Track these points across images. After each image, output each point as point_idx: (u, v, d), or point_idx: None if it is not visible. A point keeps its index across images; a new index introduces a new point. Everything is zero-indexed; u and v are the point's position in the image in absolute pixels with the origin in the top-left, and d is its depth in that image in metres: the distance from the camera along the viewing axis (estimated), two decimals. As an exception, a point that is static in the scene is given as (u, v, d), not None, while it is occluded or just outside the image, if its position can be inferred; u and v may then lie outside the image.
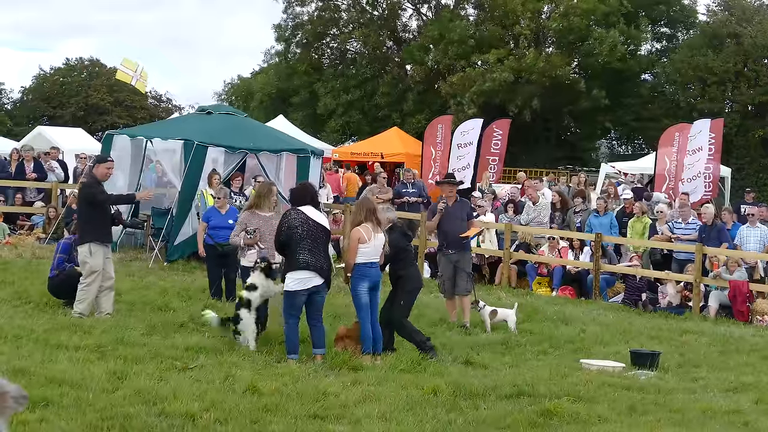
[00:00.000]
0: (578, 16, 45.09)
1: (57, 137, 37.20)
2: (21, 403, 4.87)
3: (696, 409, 10.86)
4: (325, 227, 12.59)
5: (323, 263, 12.37)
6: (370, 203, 13.29)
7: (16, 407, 4.86)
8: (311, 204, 12.65)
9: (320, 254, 12.36)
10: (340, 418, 9.59)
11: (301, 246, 12.24)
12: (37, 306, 15.06)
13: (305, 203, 12.61)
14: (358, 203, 13.99)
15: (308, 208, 12.53)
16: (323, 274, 12.33)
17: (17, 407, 4.87)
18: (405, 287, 13.48)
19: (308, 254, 12.22)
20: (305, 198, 12.72)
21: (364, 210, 12.96)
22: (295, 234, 12.26)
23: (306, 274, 12.23)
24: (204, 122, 22.67)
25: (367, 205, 13.12)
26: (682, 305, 20.24)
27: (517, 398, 10.90)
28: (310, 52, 52.72)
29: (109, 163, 15.07)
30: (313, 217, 12.45)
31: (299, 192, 13.05)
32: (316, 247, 12.32)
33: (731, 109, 46.52)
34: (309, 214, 12.43)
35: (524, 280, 22.60)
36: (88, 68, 67.69)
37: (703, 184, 27.91)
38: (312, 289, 12.29)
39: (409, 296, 13.58)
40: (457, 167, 30.79)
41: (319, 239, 12.40)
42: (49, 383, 9.91)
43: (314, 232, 12.34)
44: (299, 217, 12.38)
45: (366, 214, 12.87)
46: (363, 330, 12.84)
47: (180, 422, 8.98)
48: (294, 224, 12.31)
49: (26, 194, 25.75)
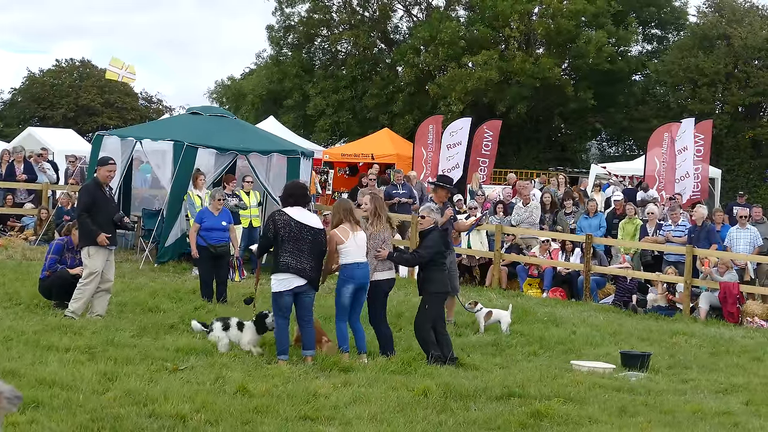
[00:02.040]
0: (566, 18, 45.11)
1: (47, 138, 37.18)
2: (14, 403, 4.87)
3: (686, 410, 10.89)
4: (312, 227, 12.46)
5: (305, 264, 12.30)
6: (345, 203, 13.32)
7: (10, 408, 4.85)
8: (299, 204, 12.63)
9: (302, 256, 12.29)
10: (331, 420, 9.58)
11: (283, 248, 12.26)
12: (28, 307, 15.05)
13: (291, 204, 12.61)
14: (334, 205, 13.97)
15: (294, 210, 12.51)
16: (304, 275, 12.30)
17: (11, 408, 4.86)
18: (429, 290, 13.28)
19: (289, 256, 12.22)
20: (291, 198, 12.72)
21: (341, 211, 12.98)
22: (278, 236, 12.30)
23: (286, 276, 12.24)
24: (194, 123, 22.67)
25: (343, 206, 13.15)
26: (673, 307, 20.28)
27: (508, 399, 10.91)
28: (301, 54, 52.68)
29: (110, 166, 14.90)
30: (297, 217, 12.40)
31: (286, 192, 13.09)
32: (299, 249, 12.27)
33: (722, 110, 46.56)
34: (293, 215, 12.40)
35: (515, 281, 22.63)
36: (79, 69, 67.54)
37: (692, 184, 28.00)
38: (296, 290, 12.30)
39: (432, 301, 13.27)
40: (446, 168, 30.84)
41: (304, 240, 12.33)
42: (40, 385, 9.90)
43: (297, 234, 12.31)
44: (282, 219, 12.39)
45: (343, 215, 12.89)
46: (337, 329, 12.90)
47: (171, 423, 8.97)
48: (277, 226, 12.34)
49: (16, 195, 25.70)
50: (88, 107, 63.99)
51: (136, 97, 67.31)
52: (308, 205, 13.02)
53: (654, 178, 28.48)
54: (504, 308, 16.37)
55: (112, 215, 14.70)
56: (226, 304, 16.44)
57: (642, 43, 54.26)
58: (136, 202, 24.10)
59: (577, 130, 51.76)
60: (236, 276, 19.25)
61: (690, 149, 27.77)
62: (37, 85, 66.14)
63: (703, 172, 28.83)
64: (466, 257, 22.63)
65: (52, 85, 65.75)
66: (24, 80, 67.49)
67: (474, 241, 22.96)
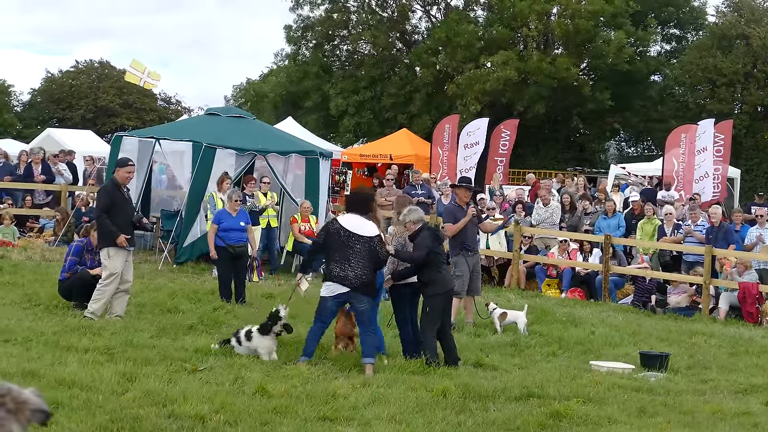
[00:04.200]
0: (584, 18, 44.99)
1: (66, 139, 37.27)
2: (40, 418, 4.70)
3: (706, 410, 10.85)
4: (361, 235, 12.29)
5: (348, 272, 12.19)
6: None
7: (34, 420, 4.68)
8: (356, 212, 12.60)
9: (347, 264, 12.20)
10: (350, 420, 9.58)
11: (331, 256, 12.36)
12: (47, 308, 15.10)
13: (350, 211, 12.69)
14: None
15: (347, 217, 12.54)
16: (347, 283, 12.20)
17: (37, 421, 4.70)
18: (427, 293, 13.04)
19: (334, 264, 12.26)
20: (351, 205, 12.84)
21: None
22: (327, 244, 12.40)
23: (330, 283, 12.32)
24: (212, 124, 22.71)
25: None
26: (692, 307, 20.22)
27: (527, 400, 10.89)
28: (320, 53, 52.68)
29: (129, 167, 14.90)
30: (348, 226, 12.34)
31: (348, 199, 13.36)
32: (345, 257, 12.22)
33: (740, 110, 46.38)
34: (344, 224, 12.39)
35: (533, 281, 22.60)
36: (98, 70, 67.74)
37: (712, 185, 27.89)
38: (343, 297, 12.34)
39: (433, 303, 12.98)
40: (463, 168, 30.81)
41: (351, 249, 12.23)
42: (59, 385, 9.93)
43: (345, 242, 12.25)
44: (333, 227, 12.49)
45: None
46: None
47: (189, 424, 8.99)
48: (328, 233, 12.48)
49: (35, 196, 25.78)
50: (107, 108, 64.19)
51: (155, 98, 67.39)
52: (369, 213, 12.81)
53: (672, 178, 28.38)
54: (520, 309, 16.36)
55: (130, 216, 14.75)
56: (245, 305, 16.46)
57: (661, 43, 54.15)
58: (154, 202, 24.14)
59: (595, 130, 51.61)
60: (254, 276, 19.31)
61: (709, 150, 27.67)
62: (55, 86, 66.36)
63: (723, 173, 28.70)
64: (485, 258, 22.61)
65: (70, 86, 65.95)
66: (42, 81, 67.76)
67: (492, 241, 22.92)
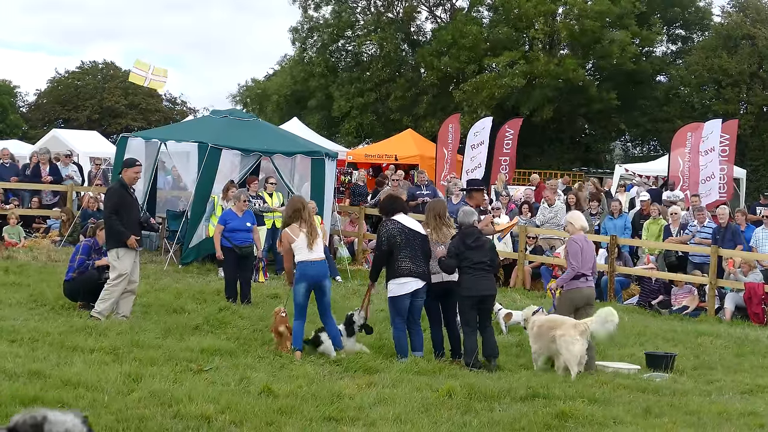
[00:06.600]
0: (590, 19, 44.97)
1: (72, 140, 37.32)
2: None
3: (711, 411, 10.84)
4: (419, 232, 13.03)
5: (423, 268, 12.85)
6: (295, 203, 13.46)
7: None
8: (402, 211, 13.25)
9: (419, 260, 12.83)
10: (355, 420, 9.59)
11: (402, 254, 12.78)
12: (53, 309, 15.12)
13: (397, 212, 13.14)
14: (287, 204, 14.19)
15: (402, 216, 13.10)
16: (424, 277, 12.85)
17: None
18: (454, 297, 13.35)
19: (408, 261, 12.78)
20: (397, 208, 13.27)
21: (290, 210, 13.21)
22: (396, 243, 12.81)
23: (407, 280, 12.75)
24: (218, 125, 22.69)
25: (293, 206, 13.34)
26: (697, 308, 20.19)
27: (532, 400, 10.90)
28: (326, 55, 52.71)
29: (137, 168, 14.90)
30: (408, 224, 13.01)
31: (389, 202, 13.56)
32: (414, 254, 12.83)
33: (746, 110, 46.35)
34: (405, 223, 13.00)
35: (539, 281, 22.57)
36: (103, 71, 67.81)
37: (718, 185, 27.83)
38: (413, 293, 12.79)
39: (461, 305, 13.23)
40: (469, 168, 30.79)
41: (417, 245, 12.88)
42: (65, 385, 9.95)
43: (412, 239, 12.88)
44: (395, 226, 12.94)
45: (292, 214, 13.09)
46: (294, 326, 13.01)
47: (195, 424, 9.00)
48: (393, 233, 12.87)
49: (42, 197, 25.80)
50: (113, 109, 64.29)
51: (161, 99, 67.47)
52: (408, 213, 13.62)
53: (678, 178, 28.32)
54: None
55: (137, 217, 14.79)
56: (251, 305, 16.46)
57: (666, 44, 54.14)
58: (160, 203, 24.14)
59: (601, 130, 51.62)
60: (260, 277, 19.30)
61: (716, 150, 27.63)
62: (61, 87, 66.43)
63: (729, 173, 28.63)
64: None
65: (76, 87, 66.01)
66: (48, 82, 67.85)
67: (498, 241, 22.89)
